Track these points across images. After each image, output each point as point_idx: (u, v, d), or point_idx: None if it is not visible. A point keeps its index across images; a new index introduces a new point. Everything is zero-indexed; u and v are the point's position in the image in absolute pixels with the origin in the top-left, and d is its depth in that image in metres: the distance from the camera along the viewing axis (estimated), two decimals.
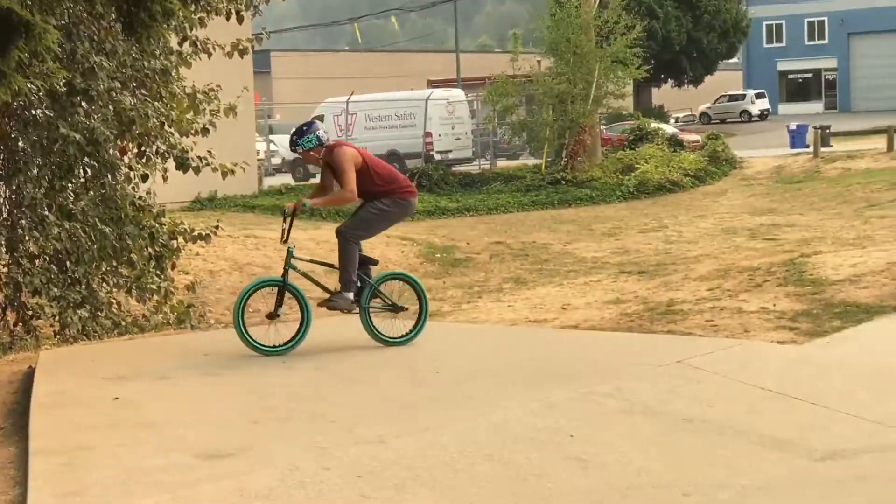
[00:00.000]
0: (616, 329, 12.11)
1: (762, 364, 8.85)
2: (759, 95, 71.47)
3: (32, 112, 12.17)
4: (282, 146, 48.29)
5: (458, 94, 43.39)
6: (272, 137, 48.38)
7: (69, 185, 12.66)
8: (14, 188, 12.36)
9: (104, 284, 13.05)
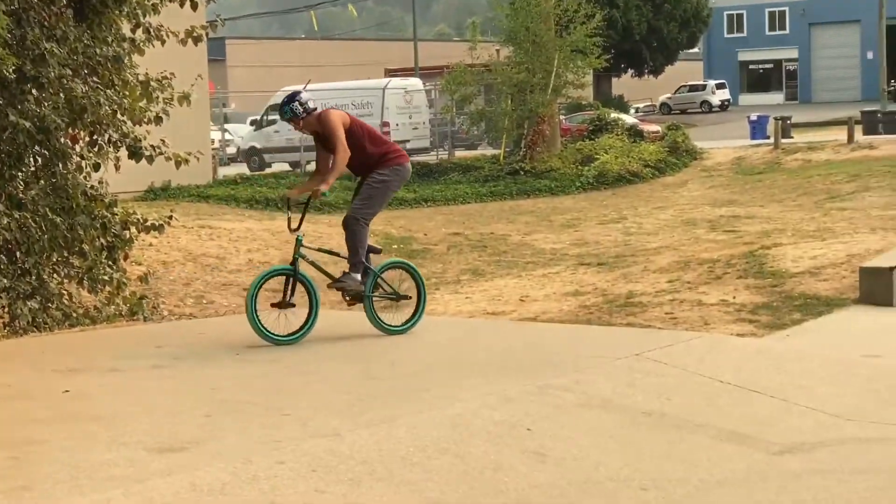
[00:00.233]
0: (575, 321, 12.10)
1: (721, 357, 8.83)
2: (720, 86, 71.83)
3: None
4: (237, 135, 48.08)
5: (416, 83, 43.31)
6: (227, 126, 48.14)
7: (19, 174, 12.48)
8: None
9: (55, 275, 12.89)
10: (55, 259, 12.79)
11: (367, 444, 6.16)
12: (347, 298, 9.70)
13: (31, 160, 12.58)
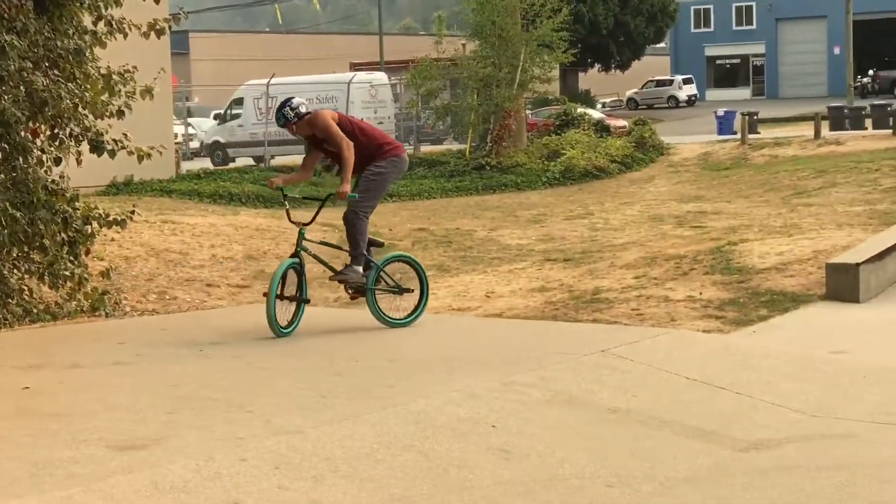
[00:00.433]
0: (541, 317, 12.07)
1: (688, 353, 8.82)
2: (687, 81, 72.16)
3: None
4: (200, 129, 47.79)
5: (381, 78, 43.21)
6: (190, 120, 47.81)
7: None
8: None
9: (15, 271, 12.76)
10: (15, 254, 12.66)
11: (331, 441, 6.11)
12: (350, 291, 9.88)
13: None
